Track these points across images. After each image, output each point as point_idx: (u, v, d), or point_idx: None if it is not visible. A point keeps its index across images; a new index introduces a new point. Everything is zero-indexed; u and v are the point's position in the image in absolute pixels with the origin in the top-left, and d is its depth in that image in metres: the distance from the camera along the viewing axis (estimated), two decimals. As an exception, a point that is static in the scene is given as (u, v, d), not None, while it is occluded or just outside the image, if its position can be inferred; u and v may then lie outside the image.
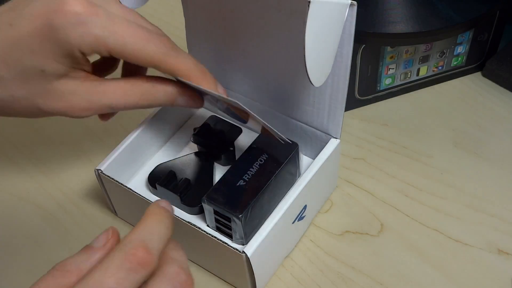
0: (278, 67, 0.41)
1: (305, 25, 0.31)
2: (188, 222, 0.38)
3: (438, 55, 0.53)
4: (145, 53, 0.34)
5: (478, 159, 0.48)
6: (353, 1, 0.34)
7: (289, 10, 0.36)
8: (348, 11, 0.34)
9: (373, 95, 0.53)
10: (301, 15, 0.32)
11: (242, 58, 0.43)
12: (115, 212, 0.46)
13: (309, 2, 0.31)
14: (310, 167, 0.41)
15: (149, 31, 0.35)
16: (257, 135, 0.43)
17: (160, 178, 0.42)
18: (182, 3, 0.44)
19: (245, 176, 0.40)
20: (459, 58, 0.54)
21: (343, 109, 0.41)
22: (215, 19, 0.42)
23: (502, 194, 0.45)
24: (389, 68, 0.52)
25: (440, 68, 0.54)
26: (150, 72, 0.39)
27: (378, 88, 0.53)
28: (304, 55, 0.32)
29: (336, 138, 0.43)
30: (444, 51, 0.53)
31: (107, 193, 0.44)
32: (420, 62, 0.53)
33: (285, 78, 0.41)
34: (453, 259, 0.42)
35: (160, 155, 0.47)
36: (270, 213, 0.38)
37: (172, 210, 0.30)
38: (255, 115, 0.36)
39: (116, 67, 0.41)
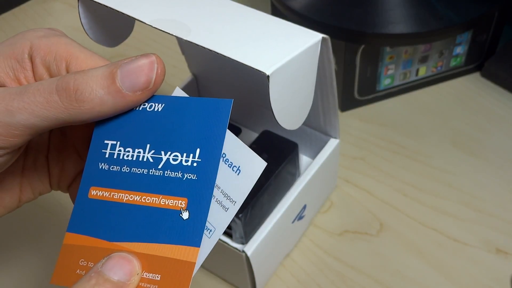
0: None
1: (269, 94, 0.29)
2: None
3: (437, 56, 0.53)
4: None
5: (477, 159, 0.48)
6: (325, 36, 0.32)
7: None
8: (322, 44, 0.33)
9: (372, 95, 0.53)
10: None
11: (234, 71, 0.43)
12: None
13: (268, 76, 0.28)
14: (310, 167, 0.41)
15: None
16: (257, 135, 0.43)
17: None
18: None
19: (245, 176, 0.40)
20: (458, 59, 0.54)
21: (337, 115, 0.41)
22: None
23: (500, 193, 0.46)
24: (388, 69, 0.52)
25: (439, 68, 0.54)
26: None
27: (378, 88, 0.53)
28: (274, 116, 0.31)
29: (336, 138, 0.43)
30: (443, 51, 0.53)
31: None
32: (419, 63, 0.53)
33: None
34: (451, 258, 0.42)
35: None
36: (270, 213, 0.38)
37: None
38: None
39: None
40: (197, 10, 0.33)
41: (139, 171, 0.26)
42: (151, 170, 0.25)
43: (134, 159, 0.26)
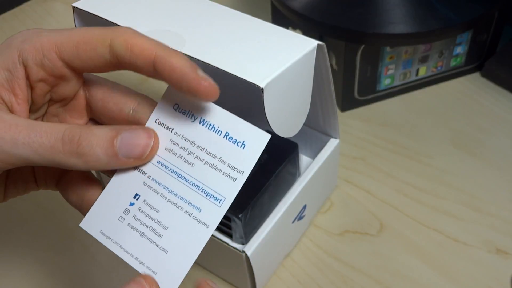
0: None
1: (264, 107, 0.29)
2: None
3: (437, 56, 0.53)
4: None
5: (477, 159, 0.48)
6: (320, 42, 0.32)
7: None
8: (318, 51, 0.32)
9: (372, 95, 0.53)
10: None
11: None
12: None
13: (262, 89, 0.28)
14: (310, 167, 0.41)
15: None
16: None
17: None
18: None
19: (245, 176, 0.40)
20: (458, 59, 0.54)
21: (337, 116, 0.41)
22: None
23: (500, 193, 0.46)
24: (389, 69, 0.52)
25: (439, 68, 0.54)
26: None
27: (378, 88, 0.53)
28: (270, 126, 0.30)
29: (335, 138, 0.43)
30: (443, 51, 0.53)
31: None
32: (419, 63, 0.53)
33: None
34: (451, 258, 0.42)
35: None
36: (270, 213, 0.38)
37: None
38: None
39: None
40: (192, 19, 0.33)
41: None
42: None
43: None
